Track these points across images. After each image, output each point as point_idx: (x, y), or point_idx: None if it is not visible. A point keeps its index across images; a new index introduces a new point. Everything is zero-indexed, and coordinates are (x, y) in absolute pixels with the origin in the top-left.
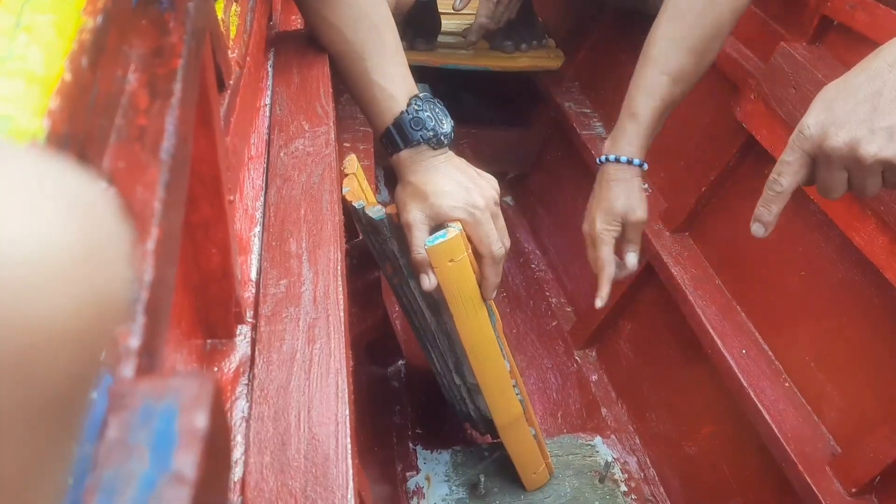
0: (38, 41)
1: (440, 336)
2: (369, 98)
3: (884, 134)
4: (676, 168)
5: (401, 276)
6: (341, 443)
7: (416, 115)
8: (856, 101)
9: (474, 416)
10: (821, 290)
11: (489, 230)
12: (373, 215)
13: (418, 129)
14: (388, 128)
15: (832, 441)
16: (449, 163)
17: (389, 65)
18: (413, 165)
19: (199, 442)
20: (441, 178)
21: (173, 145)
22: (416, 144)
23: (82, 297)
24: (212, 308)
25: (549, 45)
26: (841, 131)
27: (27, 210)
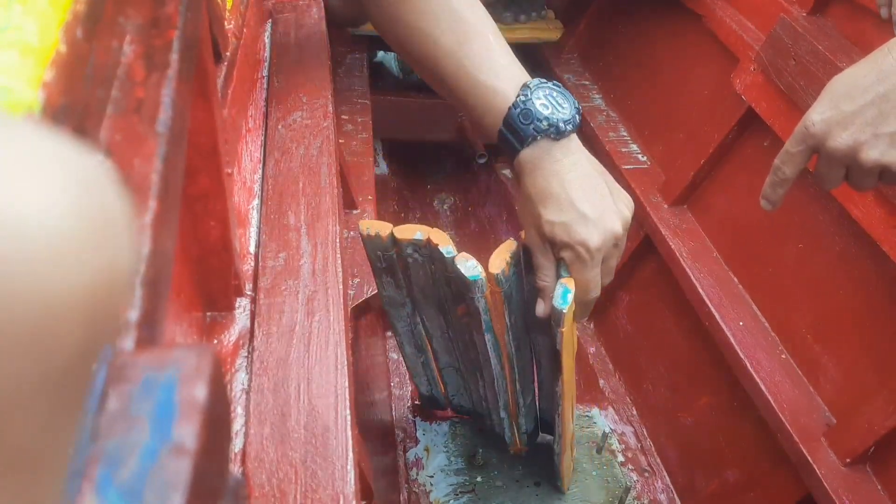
0: (33, 11)
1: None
2: (474, 102)
3: (887, 140)
4: (675, 140)
5: (476, 324)
6: (341, 414)
7: (524, 107)
8: (863, 102)
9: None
10: (818, 263)
11: (591, 277)
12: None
13: (528, 122)
14: (500, 130)
15: (827, 412)
16: (578, 167)
17: (493, 56)
18: (534, 172)
19: (199, 413)
20: (559, 194)
21: (170, 117)
22: (534, 140)
23: (91, 270)
24: (211, 281)
25: (548, 17)
26: (845, 133)
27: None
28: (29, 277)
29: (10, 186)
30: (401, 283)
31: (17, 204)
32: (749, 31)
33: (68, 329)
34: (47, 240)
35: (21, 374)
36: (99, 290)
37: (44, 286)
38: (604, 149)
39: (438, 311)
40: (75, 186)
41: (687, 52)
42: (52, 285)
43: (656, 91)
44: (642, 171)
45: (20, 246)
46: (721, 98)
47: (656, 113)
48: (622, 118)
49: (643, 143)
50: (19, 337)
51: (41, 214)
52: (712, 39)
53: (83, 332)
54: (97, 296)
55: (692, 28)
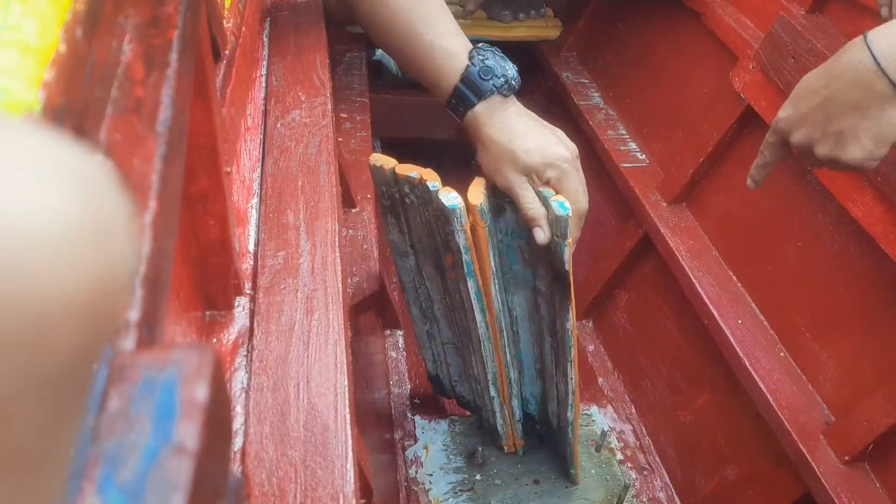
0: (33, 11)
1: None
2: (430, 62)
3: (833, 139)
4: (674, 139)
5: (460, 270)
6: (340, 413)
7: (483, 64)
8: (813, 103)
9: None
10: (817, 261)
11: (578, 184)
12: (446, 202)
13: (488, 77)
14: (457, 85)
15: (826, 410)
16: (523, 114)
17: (441, 22)
18: (490, 121)
19: (199, 413)
20: (523, 131)
21: (170, 117)
22: (490, 94)
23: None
24: (210, 280)
25: (546, 15)
26: (800, 131)
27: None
28: (28, 279)
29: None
30: (403, 227)
31: (17, 205)
32: (748, 29)
33: (68, 330)
34: (47, 241)
35: (21, 376)
36: (99, 291)
37: (43, 287)
38: (602, 147)
39: (436, 269)
40: (75, 187)
41: (686, 51)
42: (52, 287)
43: (655, 89)
44: (641, 170)
45: (19, 247)
46: (720, 96)
47: (655, 111)
48: (621, 116)
49: (642, 141)
50: (19, 338)
51: (40, 216)
52: (711, 38)
53: (83, 333)
54: (97, 297)
55: (691, 26)
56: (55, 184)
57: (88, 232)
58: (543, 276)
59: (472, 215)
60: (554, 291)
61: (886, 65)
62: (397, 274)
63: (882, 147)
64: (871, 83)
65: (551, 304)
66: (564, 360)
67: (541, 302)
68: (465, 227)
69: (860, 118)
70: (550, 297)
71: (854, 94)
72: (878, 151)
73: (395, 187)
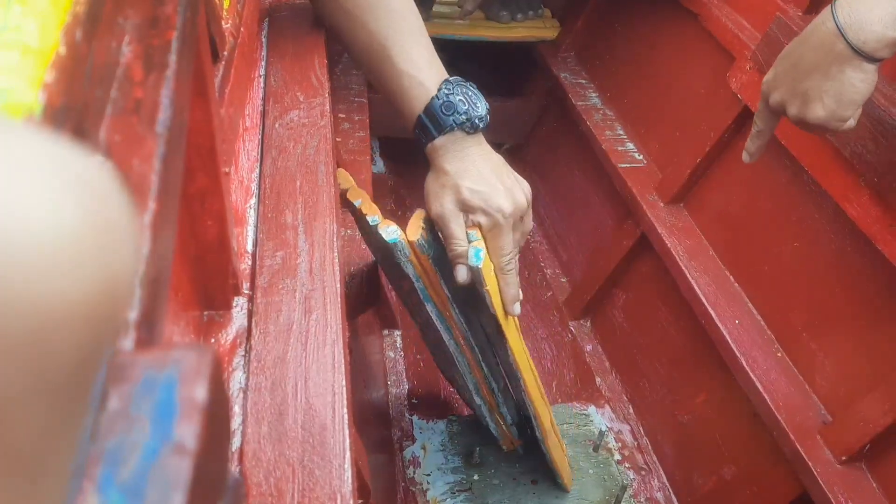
0: (33, 12)
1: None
2: (397, 87)
3: (800, 98)
4: (671, 139)
5: (416, 297)
6: (338, 413)
7: (447, 99)
8: (787, 65)
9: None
10: (814, 261)
11: (506, 242)
12: (386, 237)
13: (450, 113)
14: (420, 116)
15: (823, 410)
16: (485, 156)
17: (416, 50)
18: (447, 154)
19: (199, 412)
20: (476, 172)
21: (169, 118)
22: (450, 130)
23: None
24: (209, 280)
25: (544, 15)
26: (776, 92)
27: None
28: (29, 283)
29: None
30: (370, 244)
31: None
32: (745, 29)
33: (69, 333)
34: (48, 245)
35: (23, 378)
36: (101, 294)
37: (44, 291)
38: (600, 147)
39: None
40: (75, 190)
41: (683, 51)
42: (53, 290)
43: (653, 90)
44: (639, 170)
45: (21, 251)
46: (717, 96)
47: (653, 111)
48: (619, 116)
49: (639, 141)
50: (20, 342)
51: (41, 219)
52: (708, 38)
53: (84, 335)
54: (99, 300)
55: (688, 27)
56: (56, 186)
57: (89, 235)
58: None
59: (412, 251)
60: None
61: (845, 28)
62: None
63: (844, 107)
64: (832, 44)
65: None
66: (517, 388)
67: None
68: (410, 258)
69: (822, 78)
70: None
71: (817, 55)
72: (840, 111)
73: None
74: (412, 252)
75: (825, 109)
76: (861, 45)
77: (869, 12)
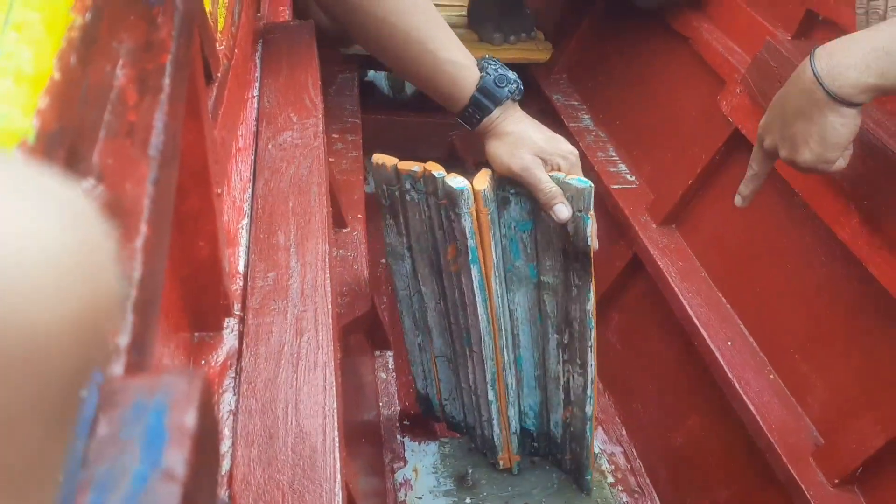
0: (28, 39)
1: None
2: (444, 77)
3: (788, 142)
4: (663, 161)
5: (464, 258)
6: (329, 435)
7: (496, 73)
8: (776, 112)
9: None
10: (806, 283)
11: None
12: (454, 185)
13: (503, 85)
14: (474, 95)
15: (815, 432)
16: (530, 118)
17: (448, 38)
18: (506, 121)
19: (188, 438)
20: (534, 127)
21: (162, 141)
22: (505, 100)
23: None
24: (200, 301)
25: (537, 38)
26: (768, 137)
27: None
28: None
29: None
30: (401, 227)
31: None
32: (735, 53)
33: (56, 356)
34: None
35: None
36: (85, 318)
37: (29, 315)
38: (593, 168)
39: (432, 271)
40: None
41: (674, 74)
42: (38, 314)
43: (644, 112)
44: (631, 191)
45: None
46: (708, 119)
47: (644, 133)
48: (611, 138)
49: (632, 162)
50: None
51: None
52: (699, 61)
53: (71, 358)
54: (84, 323)
55: (679, 50)
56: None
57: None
58: (551, 266)
59: (476, 202)
60: (570, 275)
61: (822, 76)
62: (390, 285)
63: (829, 150)
64: (811, 91)
65: (565, 292)
66: (583, 346)
67: (546, 298)
68: (471, 210)
69: (807, 123)
70: (564, 283)
71: (800, 101)
72: (826, 154)
73: (395, 185)
74: (475, 203)
75: (812, 153)
76: (838, 91)
77: (844, 60)
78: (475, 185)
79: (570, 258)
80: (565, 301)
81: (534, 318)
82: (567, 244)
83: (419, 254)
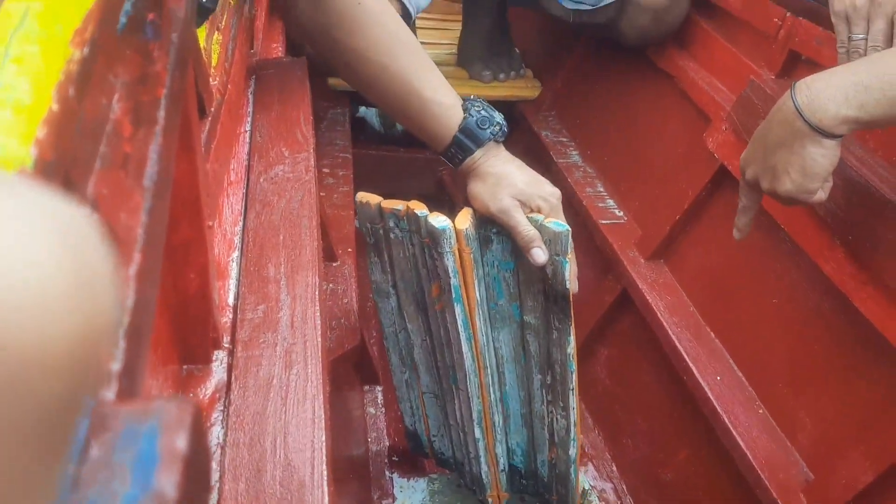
0: (27, 71)
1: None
2: (427, 116)
3: (770, 173)
4: (651, 196)
5: (447, 297)
6: (317, 469)
7: (479, 115)
8: (757, 143)
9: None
10: (792, 317)
11: (564, 219)
12: (436, 224)
13: (486, 126)
14: (456, 136)
15: (805, 467)
16: (514, 159)
17: (434, 78)
18: (488, 162)
19: (180, 462)
20: (517, 168)
21: (156, 172)
22: (487, 141)
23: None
24: (189, 333)
25: (526, 75)
26: (750, 169)
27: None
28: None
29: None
30: (386, 265)
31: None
32: (720, 91)
33: (49, 382)
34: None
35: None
36: (81, 344)
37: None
38: (581, 204)
39: (418, 308)
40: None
41: (661, 111)
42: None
43: (632, 148)
44: (619, 226)
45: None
46: (695, 155)
47: (632, 169)
48: (599, 174)
49: (620, 198)
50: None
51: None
52: (685, 99)
53: (65, 384)
54: (80, 349)
55: (665, 88)
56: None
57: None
58: (533, 307)
59: (458, 241)
60: (550, 317)
61: (802, 107)
62: (377, 321)
63: (809, 180)
64: (792, 122)
65: (546, 334)
66: (564, 389)
67: (529, 338)
68: (453, 249)
69: (787, 154)
70: (545, 324)
71: (782, 132)
72: (806, 184)
73: (380, 223)
74: (458, 242)
75: (793, 183)
76: (817, 122)
77: (824, 93)
78: (457, 225)
79: (550, 300)
80: (547, 342)
81: (518, 357)
82: (547, 286)
83: (404, 291)
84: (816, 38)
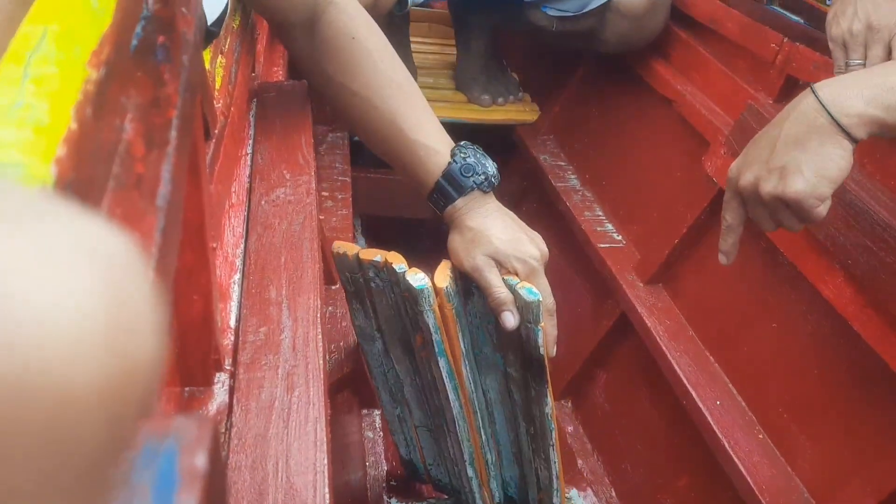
0: (45, 92)
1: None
2: (412, 158)
3: (777, 173)
4: (650, 220)
5: (430, 349)
6: (319, 492)
7: (464, 162)
8: (761, 146)
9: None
10: (792, 342)
11: (544, 284)
12: (413, 283)
13: (469, 175)
14: (439, 181)
15: (806, 493)
16: (502, 212)
17: (425, 121)
18: (470, 213)
19: (199, 482)
20: (499, 224)
21: (169, 192)
22: (471, 191)
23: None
24: (191, 355)
25: (524, 99)
26: (748, 172)
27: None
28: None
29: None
30: (369, 311)
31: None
32: (718, 115)
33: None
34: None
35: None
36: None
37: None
38: (580, 228)
39: (405, 351)
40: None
41: (659, 135)
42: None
43: (630, 172)
44: (618, 250)
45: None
46: (693, 180)
47: (631, 193)
48: (597, 198)
49: (618, 222)
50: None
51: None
52: (683, 123)
53: (106, 429)
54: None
55: (663, 112)
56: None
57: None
58: (514, 361)
59: (438, 297)
60: (527, 377)
61: (827, 102)
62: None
63: (824, 183)
64: (813, 119)
65: (525, 390)
66: (545, 444)
67: (513, 388)
68: (433, 307)
69: (801, 152)
70: (524, 382)
71: (797, 129)
72: (819, 187)
73: (359, 272)
74: (437, 300)
75: (806, 182)
76: (842, 118)
77: (851, 88)
78: (436, 283)
79: (526, 361)
80: (527, 398)
81: (505, 402)
82: (521, 349)
83: (389, 335)
84: (814, 63)
